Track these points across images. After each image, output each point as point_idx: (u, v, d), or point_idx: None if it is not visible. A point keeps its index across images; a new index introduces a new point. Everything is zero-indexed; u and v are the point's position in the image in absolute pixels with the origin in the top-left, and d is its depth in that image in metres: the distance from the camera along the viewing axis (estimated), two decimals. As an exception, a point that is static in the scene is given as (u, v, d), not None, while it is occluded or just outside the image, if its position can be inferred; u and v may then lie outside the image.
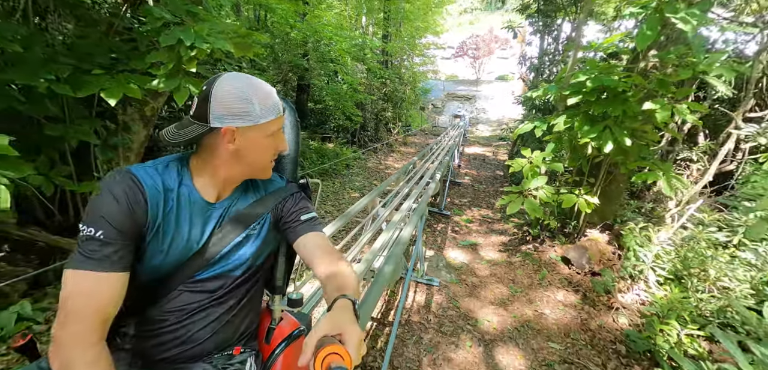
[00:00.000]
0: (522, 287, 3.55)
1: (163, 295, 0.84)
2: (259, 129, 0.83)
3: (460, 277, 3.67)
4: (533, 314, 3.11)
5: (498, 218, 5.53)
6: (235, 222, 0.90)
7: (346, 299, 0.72)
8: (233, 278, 0.90)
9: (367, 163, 8.27)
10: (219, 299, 0.89)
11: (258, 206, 0.94)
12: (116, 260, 0.72)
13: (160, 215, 0.80)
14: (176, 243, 0.83)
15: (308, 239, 0.92)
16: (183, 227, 0.84)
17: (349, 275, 0.84)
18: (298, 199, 0.98)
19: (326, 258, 0.88)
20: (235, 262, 0.89)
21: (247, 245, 0.91)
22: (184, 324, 0.86)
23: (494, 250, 4.38)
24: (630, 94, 3.25)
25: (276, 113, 0.85)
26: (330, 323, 0.64)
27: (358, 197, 5.93)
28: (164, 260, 0.83)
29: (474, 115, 20.79)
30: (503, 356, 2.59)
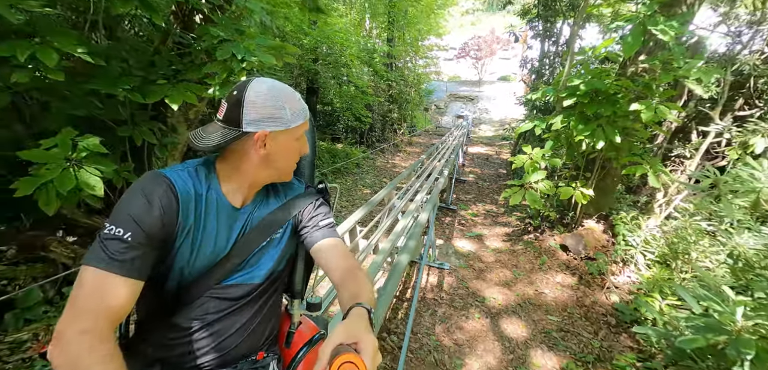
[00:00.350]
0: (524, 271, 3.94)
1: (188, 302, 0.84)
2: (289, 133, 0.85)
3: (467, 262, 4.07)
4: (534, 293, 3.50)
5: (501, 212, 5.92)
6: (259, 228, 0.90)
7: (362, 308, 0.72)
8: (257, 284, 0.90)
9: (375, 162, 8.69)
10: (243, 306, 0.89)
11: (281, 211, 0.94)
12: (139, 267, 0.70)
13: (191, 220, 0.80)
14: (204, 249, 0.83)
15: (325, 245, 0.92)
16: (210, 232, 0.84)
17: (365, 283, 0.84)
18: (316, 204, 0.99)
19: (342, 265, 0.88)
20: (259, 268, 0.90)
21: (270, 251, 0.92)
22: (209, 332, 0.86)
23: (498, 240, 4.77)
24: (620, 96, 3.64)
25: (304, 117, 0.87)
26: (345, 331, 0.64)
27: (370, 193, 6.34)
28: (192, 265, 0.82)
29: (477, 116, 21.17)
30: (507, 325, 2.99)
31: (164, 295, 0.82)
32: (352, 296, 0.77)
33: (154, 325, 0.85)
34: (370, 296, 0.79)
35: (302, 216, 0.96)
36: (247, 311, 0.90)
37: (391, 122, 11.47)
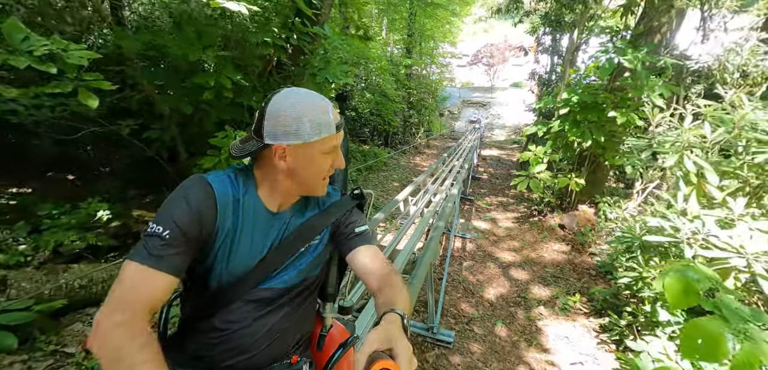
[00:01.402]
0: (528, 242, 5.11)
1: (226, 304, 0.87)
2: (310, 147, 0.84)
3: (484, 235, 5.27)
4: (536, 255, 4.68)
5: (511, 202, 7.10)
6: (296, 235, 0.93)
7: (395, 314, 0.73)
8: (291, 288, 0.93)
9: (399, 162, 9.94)
10: (278, 308, 0.92)
11: (318, 219, 0.97)
12: (174, 264, 0.75)
13: (229, 223, 0.84)
14: (241, 251, 0.87)
15: (361, 252, 0.94)
16: (247, 236, 0.88)
17: (400, 289, 0.84)
18: (351, 211, 1.01)
19: (379, 272, 0.90)
20: (294, 274, 0.93)
21: (306, 257, 0.95)
22: (245, 333, 0.89)
23: (508, 221, 5.96)
24: (604, 105, 4.82)
25: (328, 131, 0.85)
26: (380, 337, 0.65)
27: (399, 186, 7.58)
28: (230, 267, 0.87)
29: (489, 121, 22.27)
30: (514, 272, 4.18)
31: (206, 296, 0.86)
32: (386, 302, 0.79)
33: (196, 325, 0.89)
34: (404, 302, 0.79)
35: (338, 223, 0.98)
36: (281, 314, 0.93)
37: (411, 127, 12.74)
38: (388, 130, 10.23)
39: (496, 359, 2.72)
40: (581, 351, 2.82)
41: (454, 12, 17.23)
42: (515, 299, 3.62)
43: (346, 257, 0.96)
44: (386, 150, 9.86)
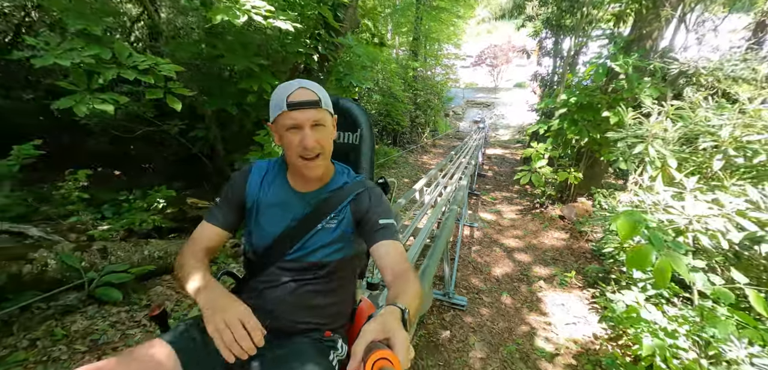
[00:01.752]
0: (531, 231, 5.63)
1: (262, 268, 1.07)
2: (276, 125, 1.01)
3: (490, 225, 5.79)
4: (537, 242, 5.19)
5: (515, 197, 7.61)
6: (314, 212, 1.07)
7: (396, 307, 0.76)
8: (320, 266, 1.06)
9: (408, 159, 10.48)
10: (306, 283, 1.06)
11: (335, 196, 1.08)
12: (220, 218, 1.09)
13: (254, 194, 1.10)
14: (270, 221, 1.07)
15: (383, 246, 1.00)
16: (275, 209, 1.08)
17: (410, 287, 0.87)
18: (377, 202, 1.08)
19: (396, 269, 0.95)
20: (315, 248, 1.05)
21: (325, 235, 1.06)
22: (273, 295, 1.06)
23: (513, 213, 6.48)
24: (599, 106, 5.32)
25: (279, 109, 0.98)
26: (377, 327, 0.68)
27: (409, 182, 8.12)
28: (262, 234, 1.07)
29: (493, 121, 22.76)
30: (518, 255, 4.69)
31: (250, 260, 1.10)
32: (392, 296, 0.84)
33: (243, 286, 1.13)
34: (410, 298, 0.82)
35: (363, 213, 1.06)
36: (309, 287, 1.05)
37: (418, 127, 13.28)
38: (398, 130, 10.80)
39: (502, 320, 3.24)
40: (575, 315, 3.34)
41: (459, 14, 17.79)
42: (519, 276, 4.14)
43: (370, 249, 1.02)
44: (396, 149, 10.41)
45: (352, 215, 1.08)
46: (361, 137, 1.33)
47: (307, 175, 1.03)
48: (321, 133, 0.99)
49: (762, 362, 1.79)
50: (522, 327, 3.16)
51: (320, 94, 1.00)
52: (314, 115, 0.97)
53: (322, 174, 1.07)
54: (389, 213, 1.07)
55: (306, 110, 0.96)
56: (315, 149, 0.98)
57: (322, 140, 1.00)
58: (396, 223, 1.06)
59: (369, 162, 1.33)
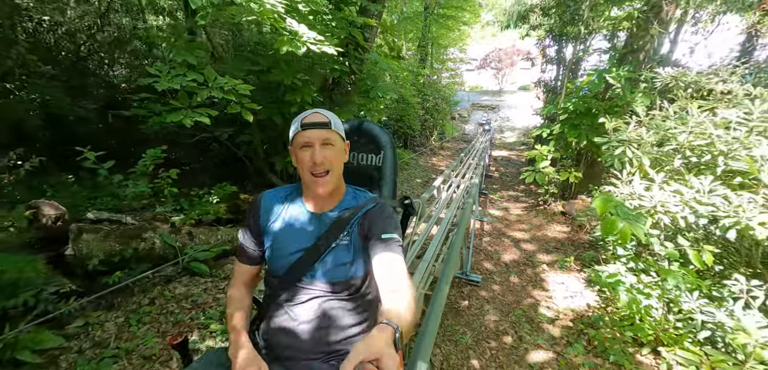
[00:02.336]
0: (535, 225, 6.28)
1: (282, 289, 1.12)
2: (292, 144, 1.12)
3: (498, 220, 6.46)
4: (541, 234, 5.85)
5: (521, 195, 8.27)
6: (328, 232, 1.12)
7: (388, 326, 0.76)
8: (337, 282, 1.10)
9: (419, 161, 11.17)
10: (327, 301, 1.09)
11: (345, 216, 1.14)
12: (246, 256, 1.22)
13: (271, 221, 1.17)
14: (288, 244, 1.13)
15: (382, 259, 1.02)
16: (292, 232, 1.14)
17: (403, 305, 0.87)
18: (383, 216, 1.12)
19: (391, 284, 0.96)
20: (334, 267, 1.10)
21: (341, 253, 1.11)
22: (292, 313, 1.09)
23: (519, 210, 7.14)
24: (596, 112, 5.98)
25: (295, 130, 1.10)
26: (366, 348, 0.69)
27: (421, 182, 8.80)
28: (281, 257, 1.13)
29: (498, 124, 23.39)
30: (524, 245, 5.36)
31: (272, 284, 1.16)
32: (384, 312, 0.85)
33: (265, 312, 1.18)
34: (402, 316, 0.83)
35: (368, 228, 1.11)
36: (327, 308, 1.09)
37: (427, 130, 13.99)
38: (409, 133, 11.52)
39: (511, 294, 3.91)
40: (572, 291, 4.00)
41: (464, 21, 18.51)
42: (524, 262, 4.80)
43: (372, 262, 1.04)
44: (407, 152, 11.11)
45: (359, 229, 1.12)
46: (385, 159, 1.41)
47: (317, 192, 1.10)
48: (330, 151, 1.09)
49: (707, 309, 2.45)
50: (527, 300, 3.83)
51: (331, 118, 1.12)
52: (324, 134, 1.08)
53: (333, 191, 1.13)
54: (394, 228, 1.09)
55: (317, 130, 1.08)
56: (324, 165, 1.07)
57: (331, 158, 1.09)
58: (401, 238, 1.08)
59: (392, 183, 1.39)
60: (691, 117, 2.84)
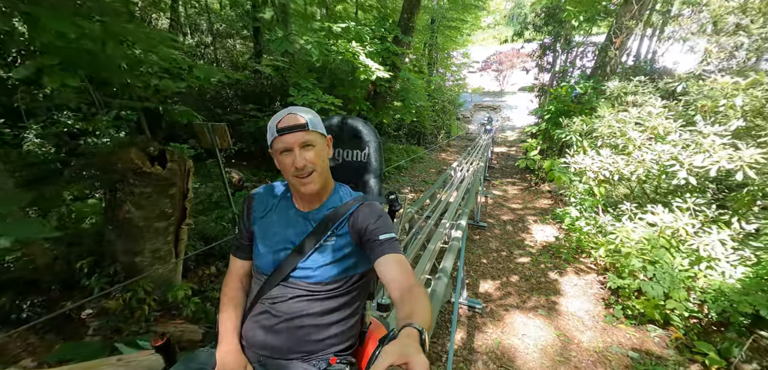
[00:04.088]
0: (527, 200, 8.47)
1: (270, 286, 1.15)
2: (272, 149, 1.13)
3: (499, 198, 8.65)
4: (531, 205, 8.04)
5: (516, 181, 10.46)
6: (315, 231, 1.15)
7: (413, 328, 0.77)
8: (321, 282, 1.13)
9: (431, 156, 13.37)
10: (312, 301, 1.12)
11: (332, 215, 1.16)
12: (241, 252, 1.25)
13: (260, 217, 1.22)
14: (276, 240, 1.17)
15: (386, 260, 1.04)
16: (280, 229, 1.18)
17: (421, 302, 0.90)
18: (377, 216, 1.14)
19: (402, 283, 0.98)
20: (319, 266, 1.13)
21: (327, 253, 1.14)
22: (278, 310, 1.12)
23: (515, 190, 9.33)
24: (572, 113, 8.18)
25: (271, 135, 1.11)
26: (396, 352, 0.69)
27: (435, 171, 11.00)
28: (269, 253, 1.17)
29: (499, 124, 25.62)
30: (517, 211, 7.55)
31: (260, 280, 1.18)
32: (406, 315, 0.84)
33: (253, 308, 1.19)
34: (424, 316, 0.84)
35: (363, 229, 1.12)
36: (315, 307, 1.12)
37: (436, 129, 16.22)
38: (422, 132, 13.71)
39: (506, 235, 6.08)
40: (547, 234, 6.16)
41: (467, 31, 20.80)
42: (517, 220, 6.98)
43: (374, 264, 1.07)
44: (421, 148, 13.30)
45: (350, 230, 1.15)
46: (369, 155, 1.42)
47: (305, 192, 1.12)
48: (310, 152, 1.09)
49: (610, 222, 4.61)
50: (517, 237, 6.01)
51: (307, 117, 1.11)
52: (303, 137, 1.08)
53: (320, 190, 1.15)
54: (390, 227, 1.12)
55: (294, 133, 1.07)
56: (307, 168, 1.08)
57: (313, 159, 1.09)
58: (397, 235, 1.12)
59: (377, 178, 1.41)
60: (605, 117, 5.03)
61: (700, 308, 3.39)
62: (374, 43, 5.88)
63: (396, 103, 7.35)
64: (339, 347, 1.15)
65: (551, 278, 4.58)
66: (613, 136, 4.70)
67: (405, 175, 9.93)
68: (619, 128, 4.70)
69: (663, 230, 3.81)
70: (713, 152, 3.53)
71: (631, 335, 3.51)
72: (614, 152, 4.74)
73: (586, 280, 4.52)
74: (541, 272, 4.75)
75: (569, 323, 3.72)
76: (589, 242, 4.74)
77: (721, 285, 3.17)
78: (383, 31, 6.80)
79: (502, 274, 4.73)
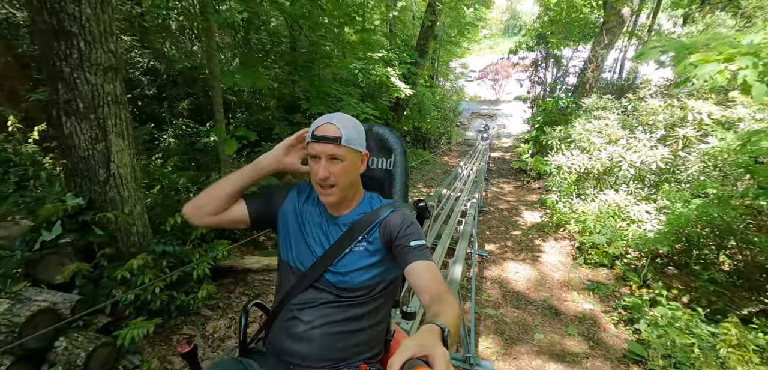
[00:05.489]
0: (521, 195, 10.39)
1: (298, 290, 1.16)
2: (307, 147, 1.16)
3: (496, 194, 10.57)
4: (523, 199, 9.96)
5: (512, 180, 12.41)
6: (346, 234, 1.18)
7: (435, 324, 0.79)
8: (350, 287, 1.15)
9: (435, 159, 15.29)
10: (340, 308, 1.15)
11: (365, 218, 1.19)
12: (253, 204, 1.25)
13: (289, 213, 1.25)
14: (307, 242, 1.19)
15: (417, 267, 1.06)
16: (311, 231, 1.21)
17: (450, 307, 0.91)
18: (408, 223, 1.16)
19: (432, 290, 1.00)
20: (348, 271, 1.15)
21: (356, 258, 1.17)
22: (307, 316, 1.14)
23: (510, 187, 11.26)
24: (557, 122, 10.14)
25: (309, 137, 1.15)
26: (415, 344, 0.69)
27: (441, 172, 12.90)
28: (298, 255, 1.19)
29: (496, 131, 27.69)
30: (512, 203, 9.46)
31: (286, 283, 1.20)
32: (431, 316, 0.87)
33: (277, 314, 1.20)
34: (450, 318, 0.85)
35: (393, 235, 1.14)
36: (344, 314, 1.15)
37: (439, 135, 18.18)
38: (428, 137, 15.65)
39: (503, 217, 7.97)
40: (536, 217, 8.07)
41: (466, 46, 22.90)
42: (512, 208, 8.88)
43: (404, 271, 1.09)
44: (426, 152, 15.22)
45: (381, 236, 1.18)
46: (395, 163, 1.44)
47: (323, 201, 1.18)
48: (337, 167, 1.11)
49: (579, 202, 6.53)
50: (512, 219, 7.90)
51: (345, 132, 1.11)
52: (332, 149, 1.10)
53: (341, 200, 1.19)
54: (420, 234, 1.14)
55: (325, 144, 1.09)
56: (328, 180, 1.11)
57: (337, 174, 1.11)
58: (427, 243, 1.14)
59: (402, 187, 1.43)
60: (576, 127, 6.96)
61: (625, 251, 5.28)
62: (402, 67, 7.76)
63: (413, 113, 9.21)
64: (367, 355, 1.19)
65: (536, 244, 6.47)
66: (582, 140, 6.62)
67: (416, 173, 11.82)
68: (586, 135, 6.63)
69: (610, 205, 5.72)
70: (640, 152, 5.46)
71: (588, 273, 5.38)
72: (582, 153, 6.66)
73: (561, 244, 6.40)
74: (529, 239, 6.63)
75: (546, 268, 5.58)
76: (564, 219, 6.64)
77: (641, 236, 5.06)
78: (405, 56, 8.70)
79: (501, 240, 6.61)
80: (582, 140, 6.76)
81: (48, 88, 2.37)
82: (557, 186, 7.15)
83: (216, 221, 1.22)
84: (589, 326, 4.08)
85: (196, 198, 1.23)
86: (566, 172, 6.58)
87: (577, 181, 6.53)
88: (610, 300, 4.63)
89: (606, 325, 4.12)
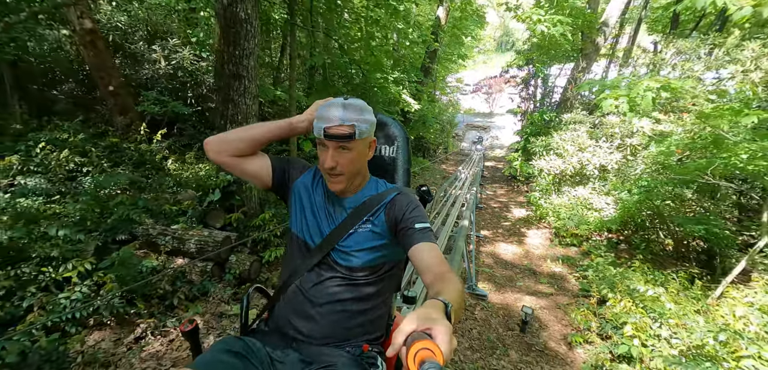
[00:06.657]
0: (511, 196, 12.12)
1: (306, 268, 1.21)
2: (314, 131, 1.17)
3: (490, 196, 12.30)
4: (514, 200, 11.70)
5: (504, 185, 14.16)
6: (351, 215, 1.22)
7: (438, 300, 0.80)
8: (356, 267, 1.20)
9: (434, 166, 17.03)
10: (345, 287, 1.19)
11: (368, 203, 1.23)
12: (276, 165, 1.31)
13: (301, 189, 1.31)
14: (317, 220, 1.25)
15: (421, 248, 1.07)
16: (320, 210, 1.27)
17: (452, 286, 0.93)
18: (413, 206, 1.19)
19: (435, 270, 1.02)
20: (352, 251, 1.20)
21: (361, 238, 1.20)
22: (312, 292, 1.18)
23: (502, 191, 13.01)
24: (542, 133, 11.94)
25: (318, 132, 1.14)
26: (418, 317, 0.70)
27: (440, 177, 14.63)
28: (308, 230, 1.25)
29: (489, 143, 29.58)
30: (503, 201, 11.19)
31: (295, 258, 1.26)
32: (434, 294, 0.89)
33: (285, 289, 1.25)
34: (453, 296, 0.86)
35: (398, 218, 1.16)
36: (348, 294, 1.19)
37: (437, 145, 19.97)
38: (427, 146, 17.40)
39: (496, 213, 9.68)
40: (523, 213, 9.79)
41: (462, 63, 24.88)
42: (503, 206, 10.60)
43: (408, 252, 1.10)
44: (427, 160, 16.96)
45: (386, 218, 1.21)
46: (398, 149, 1.49)
47: (330, 187, 1.21)
48: (344, 156, 1.14)
49: (556, 198, 8.26)
50: (502, 214, 9.60)
51: (357, 126, 1.12)
52: (343, 141, 1.13)
53: (343, 189, 1.22)
54: (425, 217, 1.16)
55: (336, 139, 1.12)
56: (335, 169, 1.15)
57: (345, 164, 1.15)
58: (432, 227, 1.16)
59: (405, 173, 1.47)
60: (555, 138, 8.71)
61: (590, 235, 7.00)
62: (411, 85, 9.48)
63: (417, 125, 10.92)
64: (370, 336, 1.24)
65: (522, 231, 8.17)
66: (559, 148, 8.36)
67: (418, 178, 13.52)
68: (562, 144, 8.38)
69: (579, 198, 7.45)
70: (601, 157, 7.22)
71: (561, 250, 7.07)
72: (558, 158, 8.41)
73: (542, 232, 8.11)
74: (517, 228, 8.34)
75: (529, 247, 7.27)
76: (545, 212, 8.36)
77: (600, 220, 6.78)
78: (412, 76, 10.44)
79: (494, 228, 8.30)
80: (559, 148, 8.52)
81: (220, 107, 4.00)
82: (539, 186, 8.88)
83: (235, 163, 1.26)
84: (557, 280, 5.76)
85: (225, 133, 1.29)
86: (546, 174, 8.31)
87: (554, 181, 8.26)
88: (575, 266, 6.32)
89: (569, 278, 5.81)
